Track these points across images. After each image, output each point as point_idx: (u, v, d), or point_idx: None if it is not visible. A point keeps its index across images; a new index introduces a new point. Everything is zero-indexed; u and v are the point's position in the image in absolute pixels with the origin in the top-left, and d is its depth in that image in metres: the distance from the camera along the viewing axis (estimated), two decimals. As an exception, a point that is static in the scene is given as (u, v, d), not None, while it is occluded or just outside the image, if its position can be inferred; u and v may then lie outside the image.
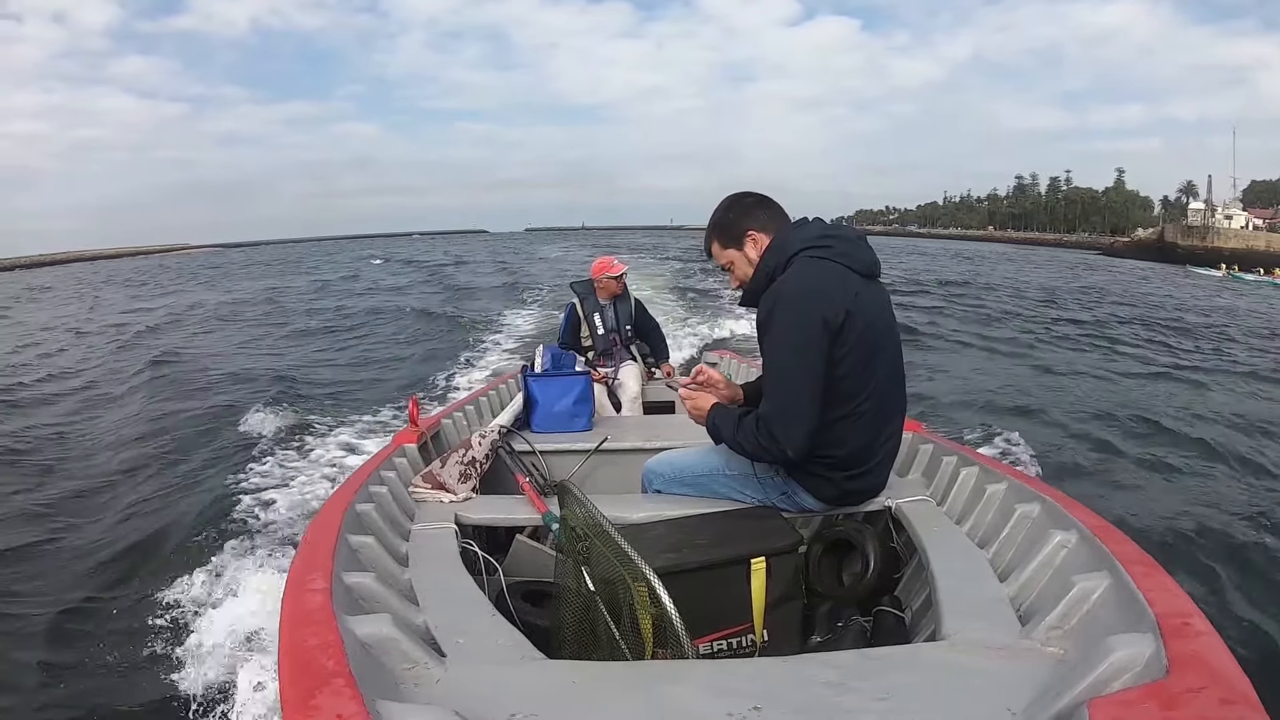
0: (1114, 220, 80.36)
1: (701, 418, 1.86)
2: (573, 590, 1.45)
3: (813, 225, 1.77)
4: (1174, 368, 8.62)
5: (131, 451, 5.32)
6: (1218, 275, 31.45)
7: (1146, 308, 16.04)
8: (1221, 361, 9.23)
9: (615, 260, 4.02)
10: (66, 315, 17.28)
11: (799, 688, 1.09)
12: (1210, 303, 18.37)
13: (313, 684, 0.91)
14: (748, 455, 1.76)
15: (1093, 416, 5.99)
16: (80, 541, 3.72)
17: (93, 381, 8.41)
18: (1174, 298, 19.31)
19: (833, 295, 1.61)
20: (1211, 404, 6.68)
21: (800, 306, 1.61)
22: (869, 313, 1.66)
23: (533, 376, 2.85)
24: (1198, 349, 10.38)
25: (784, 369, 1.65)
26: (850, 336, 1.62)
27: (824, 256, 1.68)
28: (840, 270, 1.67)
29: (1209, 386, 7.52)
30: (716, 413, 1.83)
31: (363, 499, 1.78)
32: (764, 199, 1.83)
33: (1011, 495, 1.75)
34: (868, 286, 1.71)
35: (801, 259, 1.68)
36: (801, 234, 1.73)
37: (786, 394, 1.64)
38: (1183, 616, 1.05)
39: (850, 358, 1.63)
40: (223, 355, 9.92)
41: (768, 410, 1.67)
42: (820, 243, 1.69)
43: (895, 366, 1.77)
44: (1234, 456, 4.90)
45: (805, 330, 1.60)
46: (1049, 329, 12.03)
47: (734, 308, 11.57)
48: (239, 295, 20.25)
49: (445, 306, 14.59)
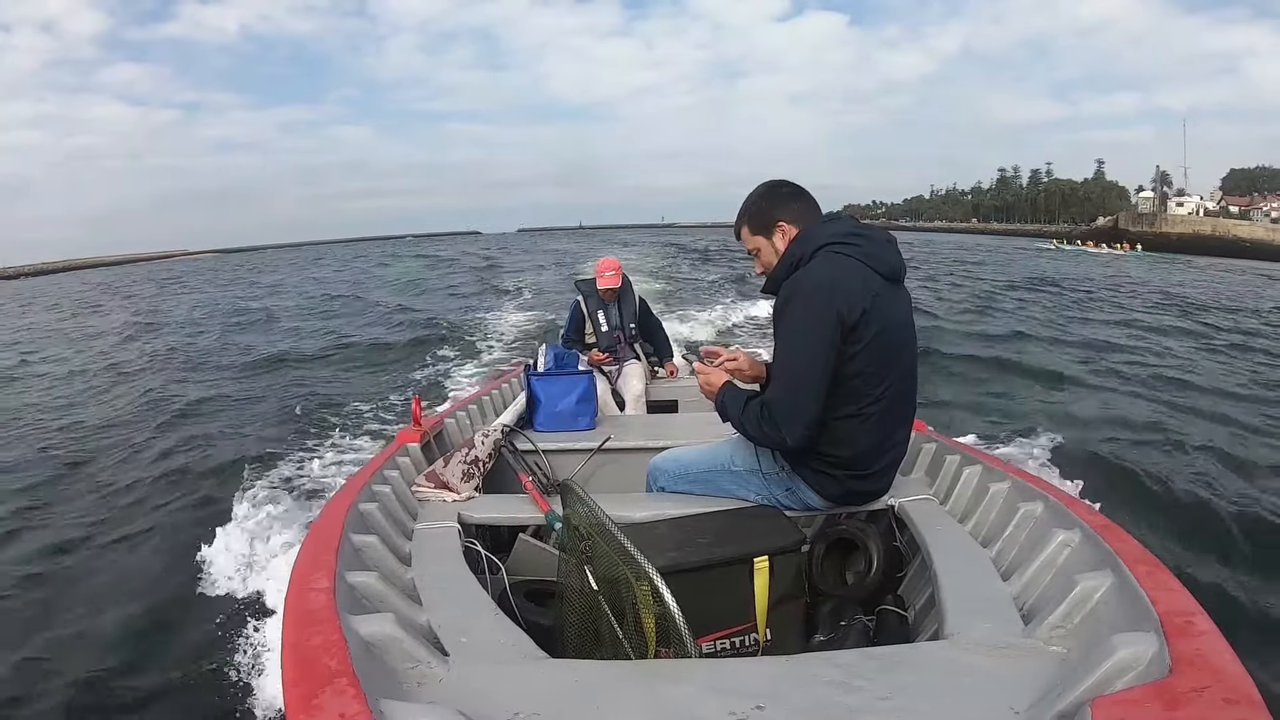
0: (1093, 210, 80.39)
1: (712, 393, 1.86)
2: (576, 589, 1.45)
3: (843, 221, 1.76)
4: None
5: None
6: (1049, 246, 45.54)
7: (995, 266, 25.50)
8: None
9: (608, 272, 3.96)
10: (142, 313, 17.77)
11: (802, 687, 1.09)
12: (1034, 263, 28.55)
13: (316, 683, 0.92)
14: (750, 438, 1.78)
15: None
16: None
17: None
18: (1017, 262, 29.34)
19: (851, 292, 1.61)
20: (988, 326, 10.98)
21: (816, 299, 1.61)
22: (887, 316, 1.66)
23: (535, 375, 2.85)
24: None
25: (793, 358, 1.65)
26: (865, 335, 1.62)
27: (848, 254, 1.67)
28: (863, 269, 1.66)
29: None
30: (727, 391, 1.83)
31: (366, 498, 1.78)
32: (798, 191, 1.81)
33: (1014, 494, 1.75)
34: (890, 289, 1.70)
35: (825, 253, 1.67)
36: (830, 229, 1.72)
37: (792, 383, 1.65)
38: (1186, 615, 1.05)
39: (862, 357, 1.63)
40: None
41: (772, 397, 1.68)
42: (847, 239, 1.68)
43: (909, 372, 1.77)
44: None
45: (818, 322, 1.60)
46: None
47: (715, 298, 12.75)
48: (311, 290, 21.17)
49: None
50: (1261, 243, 41.58)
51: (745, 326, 10.29)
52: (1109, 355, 8.57)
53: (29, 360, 10.80)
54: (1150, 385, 6.96)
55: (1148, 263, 31.71)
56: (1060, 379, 7.18)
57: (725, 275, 18.58)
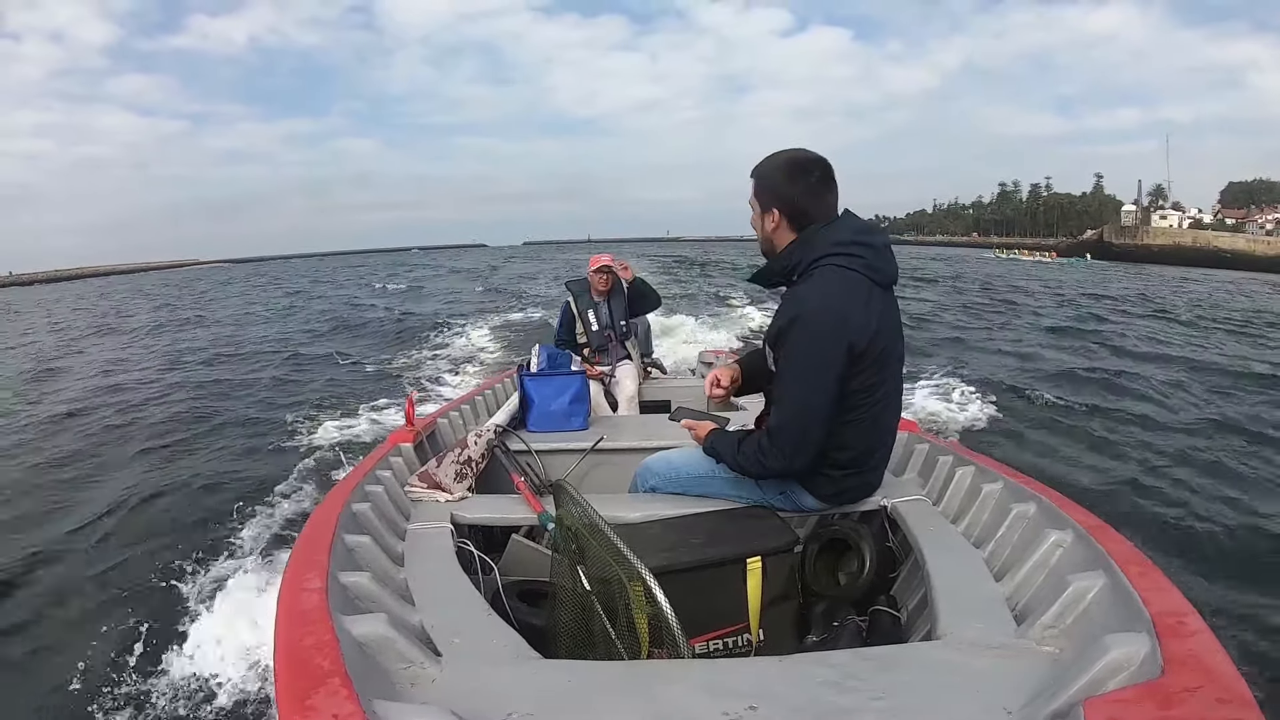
0: (1090, 223, 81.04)
1: (701, 441, 1.88)
2: (568, 590, 1.45)
3: (846, 223, 1.66)
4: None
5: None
6: (992, 255, 53.70)
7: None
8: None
9: (596, 267, 3.97)
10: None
11: (795, 687, 1.09)
12: (979, 268, 34.00)
13: (308, 684, 0.91)
14: (748, 473, 1.76)
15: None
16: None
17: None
18: (971, 267, 35.00)
19: (862, 323, 1.58)
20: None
21: (825, 332, 1.57)
22: (886, 329, 1.64)
23: (528, 375, 2.84)
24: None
25: (801, 389, 1.61)
26: (871, 353, 1.61)
27: (852, 267, 1.60)
28: (865, 285, 1.61)
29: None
30: (715, 438, 1.83)
31: (358, 498, 1.77)
32: (815, 186, 1.66)
33: (1007, 495, 1.75)
34: (884, 297, 1.67)
35: (828, 268, 1.61)
36: (833, 236, 1.63)
37: (800, 414, 1.62)
38: (1178, 615, 1.05)
39: (865, 372, 1.62)
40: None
41: (778, 425, 1.65)
42: (849, 250, 1.61)
43: (899, 371, 1.76)
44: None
45: (827, 355, 1.57)
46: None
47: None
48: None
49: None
50: (1242, 254, 42.75)
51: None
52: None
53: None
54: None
55: (1084, 270, 37.44)
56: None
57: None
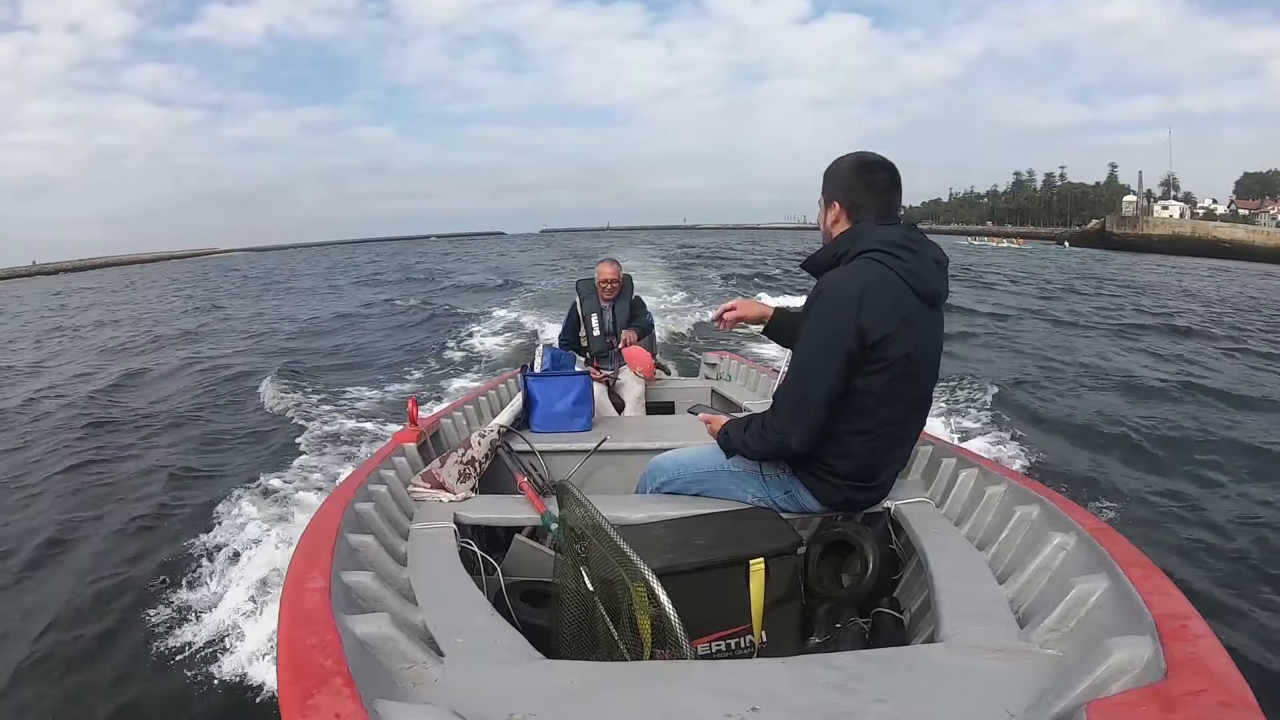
0: (1103, 212, 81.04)
1: (715, 434, 1.89)
2: (571, 590, 1.45)
3: (897, 228, 1.67)
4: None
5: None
6: (965, 242, 54.32)
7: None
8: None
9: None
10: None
11: (797, 689, 1.09)
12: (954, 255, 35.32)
13: (311, 683, 0.91)
14: (754, 454, 1.78)
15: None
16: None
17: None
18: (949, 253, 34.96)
19: (879, 309, 1.56)
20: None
21: (841, 307, 1.58)
22: (914, 342, 1.61)
23: (532, 376, 2.85)
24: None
25: (806, 360, 1.64)
26: (887, 357, 1.59)
27: (888, 265, 1.60)
28: (899, 286, 1.59)
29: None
30: (729, 425, 1.85)
31: (362, 498, 1.78)
32: (876, 184, 1.70)
33: (1011, 497, 1.75)
34: (923, 312, 1.64)
35: (866, 260, 1.61)
36: (880, 234, 1.63)
37: (801, 385, 1.65)
38: (1181, 619, 1.05)
39: (879, 378, 1.61)
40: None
41: (780, 388, 1.72)
42: (892, 250, 1.60)
43: (924, 397, 1.75)
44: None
45: (839, 331, 1.58)
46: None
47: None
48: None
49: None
50: (1241, 244, 42.61)
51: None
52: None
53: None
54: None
55: (1053, 254, 40.66)
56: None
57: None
